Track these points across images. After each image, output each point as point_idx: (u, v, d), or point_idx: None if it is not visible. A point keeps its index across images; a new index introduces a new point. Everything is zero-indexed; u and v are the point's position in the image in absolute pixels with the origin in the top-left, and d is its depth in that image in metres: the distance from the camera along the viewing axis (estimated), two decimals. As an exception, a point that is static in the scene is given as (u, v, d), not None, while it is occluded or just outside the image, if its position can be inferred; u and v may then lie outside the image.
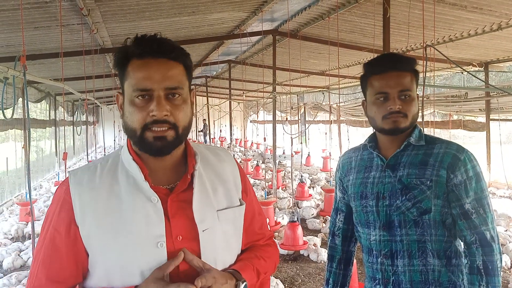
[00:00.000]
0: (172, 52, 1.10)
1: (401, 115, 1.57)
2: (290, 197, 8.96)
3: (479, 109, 9.56)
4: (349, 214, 1.82)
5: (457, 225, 1.58)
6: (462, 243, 1.63)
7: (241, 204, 1.25)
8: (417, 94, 1.65)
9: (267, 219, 6.26)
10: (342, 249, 1.85)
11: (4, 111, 3.25)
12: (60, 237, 1.10)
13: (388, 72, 1.60)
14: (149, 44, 1.08)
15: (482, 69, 9.19)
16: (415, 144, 1.64)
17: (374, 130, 1.72)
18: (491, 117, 9.43)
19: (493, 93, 8.74)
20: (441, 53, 4.05)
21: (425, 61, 3.98)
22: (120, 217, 1.09)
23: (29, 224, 7.03)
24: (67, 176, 1.17)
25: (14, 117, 3.76)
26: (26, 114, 3.26)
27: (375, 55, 8.09)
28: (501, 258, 1.53)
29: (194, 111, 1.15)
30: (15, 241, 6.53)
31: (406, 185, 1.58)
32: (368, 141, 1.75)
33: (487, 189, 1.58)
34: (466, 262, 1.57)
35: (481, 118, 9.80)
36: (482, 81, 6.79)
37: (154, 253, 1.08)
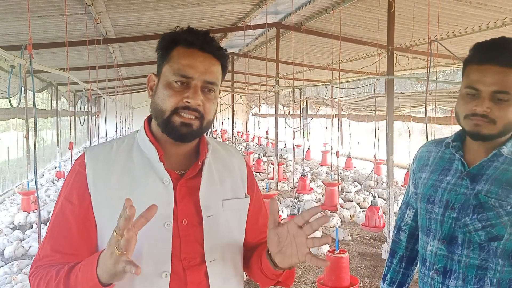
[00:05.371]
0: (218, 50, 1.15)
1: (485, 120, 1.29)
2: (292, 189, 8.97)
3: (482, 106, 9.54)
4: None
5: None
6: None
7: (246, 197, 1.27)
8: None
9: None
10: (406, 246, 1.66)
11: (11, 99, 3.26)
12: (71, 207, 1.12)
13: (487, 64, 1.29)
14: (201, 37, 1.13)
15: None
16: (507, 156, 1.36)
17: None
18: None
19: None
20: (447, 49, 4.04)
21: (429, 57, 3.99)
22: (131, 193, 1.10)
23: (31, 213, 7.05)
24: (82, 152, 1.20)
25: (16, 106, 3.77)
26: (33, 103, 3.27)
27: (378, 50, 7.96)
28: None
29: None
30: (15, 230, 6.53)
31: (482, 204, 1.34)
32: (453, 139, 1.48)
33: None
34: None
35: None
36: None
37: (161, 232, 1.10)
